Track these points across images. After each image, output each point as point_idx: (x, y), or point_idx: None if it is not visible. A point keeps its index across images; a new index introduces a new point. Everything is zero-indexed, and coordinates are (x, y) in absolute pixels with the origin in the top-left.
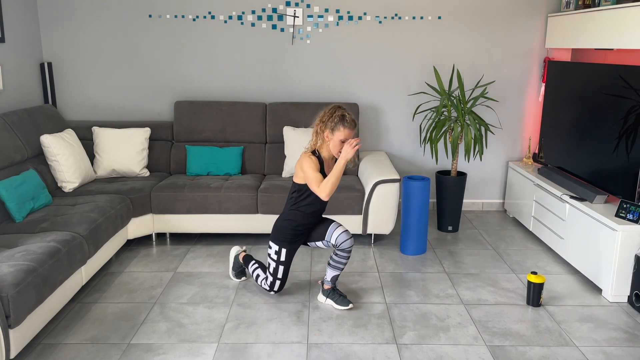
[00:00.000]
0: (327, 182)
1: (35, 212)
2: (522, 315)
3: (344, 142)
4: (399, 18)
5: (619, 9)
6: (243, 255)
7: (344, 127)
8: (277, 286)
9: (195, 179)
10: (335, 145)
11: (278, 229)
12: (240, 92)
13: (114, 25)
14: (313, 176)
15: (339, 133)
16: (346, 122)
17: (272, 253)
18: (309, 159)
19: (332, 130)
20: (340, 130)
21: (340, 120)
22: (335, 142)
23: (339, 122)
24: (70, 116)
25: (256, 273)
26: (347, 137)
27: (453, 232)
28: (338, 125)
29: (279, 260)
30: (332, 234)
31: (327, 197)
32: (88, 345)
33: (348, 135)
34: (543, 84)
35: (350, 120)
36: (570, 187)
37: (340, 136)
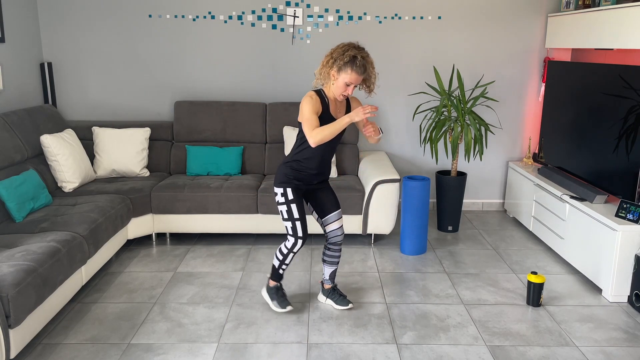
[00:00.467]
0: (321, 131)
1: (35, 212)
2: (522, 315)
3: (349, 85)
4: (399, 18)
5: (619, 9)
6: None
7: (352, 70)
8: (299, 228)
9: (195, 179)
10: (339, 87)
11: (281, 172)
12: (240, 92)
13: (114, 25)
14: (308, 117)
15: (345, 75)
16: (355, 65)
17: (279, 197)
18: (308, 98)
19: (339, 69)
20: (347, 72)
21: (351, 61)
22: (339, 84)
23: (348, 62)
24: (70, 116)
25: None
26: (352, 82)
27: (453, 232)
28: (346, 66)
29: (287, 201)
30: (329, 224)
31: (315, 144)
32: (88, 345)
33: (354, 79)
34: (543, 84)
35: (361, 63)
36: (570, 187)
37: (346, 79)
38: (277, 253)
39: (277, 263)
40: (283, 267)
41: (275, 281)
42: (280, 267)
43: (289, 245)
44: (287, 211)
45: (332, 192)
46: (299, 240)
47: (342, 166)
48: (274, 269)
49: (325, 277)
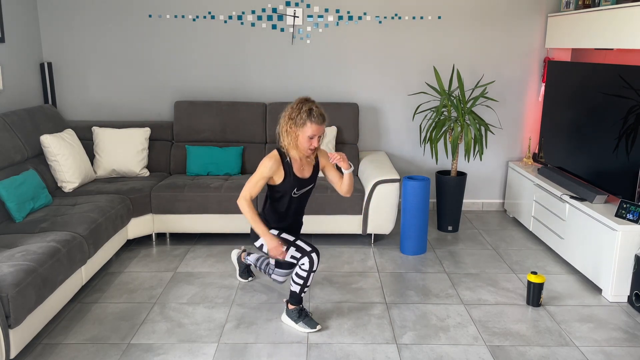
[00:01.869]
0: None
1: (35, 212)
2: (522, 315)
3: (312, 138)
4: (399, 18)
5: (619, 9)
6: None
7: (311, 122)
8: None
9: (195, 179)
10: (303, 143)
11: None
12: (240, 92)
13: (114, 25)
14: (255, 179)
15: (305, 129)
16: (313, 117)
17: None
18: (267, 160)
19: (299, 126)
20: (307, 125)
21: (308, 114)
22: (302, 140)
23: (306, 116)
24: (70, 116)
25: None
26: (314, 133)
27: (453, 232)
28: (304, 121)
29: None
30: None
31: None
32: (88, 345)
33: (316, 130)
34: (543, 84)
35: (318, 113)
36: (570, 187)
37: (308, 132)
38: (294, 279)
39: (297, 288)
40: (305, 289)
41: (295, 305)
42: (302, 291)
43: (306, 267)
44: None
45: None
46: (312, 255)
47: None
48: (294, 294)
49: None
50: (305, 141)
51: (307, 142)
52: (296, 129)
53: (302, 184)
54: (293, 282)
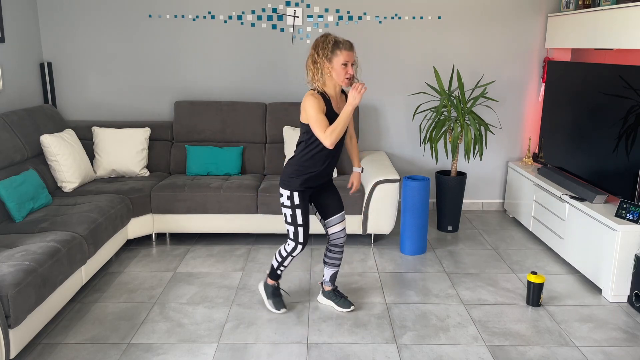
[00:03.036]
0: (334, 130)
1: (35, 212)
2: (522, 315)
3: (346, 65)
4: (399, 18)
5: (619, 9)
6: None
7: (341, 50)
8: (301, 235)
9: (195, 179)
10: (339, 73)
11: (287, 174)
12: (240, 92)
13: (114, 25)
14: (317, 118)
15: (338, 58)
16: (341, 44)
17: (285, 200)
18: (312, 97)
19: (330, 58)
20: (337, 54)
21: (335, 44)
22: (337, 70)
23: (334, 46)
24: (70, 116)
25: (277, 251)
26: (348, 59)
27: (453, 232)
28: (334, 51)
29: (293, 205)
30: (332, 226)
31: (331, 145)
32: (88, 345)
33: (348, 57)
34: (543, 84)
35: (344, 40)
36: (570, 187)
37: (341, 60)
38: (276, 254)
39: (275, 264)
40: (282, 268)
41: (273, 280)
42: (279, 268)
43: (289, 248)
44: (292, 215)
45: (337, 193)
46: (299, 245)
47: (342, 166)
48: (273, 269)
49: (325, 278)
50: (341, 70)
51: (343, 71)
52: (329, 63)
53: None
54: (274, 257)
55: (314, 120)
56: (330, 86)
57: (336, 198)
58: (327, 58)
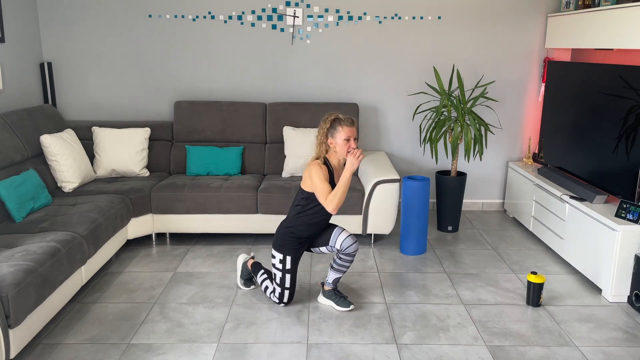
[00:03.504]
0: (335, 195)
1: (35, 212)
2: (522, 315)
3: (348, 140)
4: (399, 18)
5: (619, 9)
6: (251, 263)
7: (342, 126)
8: (286, 297)
9: (195, 179)
10: (342, 148)
11: (281, 237)
12: (240, 92)
13: (114, 25)
14: (321, 187)
15: (339, 134)
16: (342, 121)
17: (277, 262)
18: (318, 167)
19: (332, 134)
20: (339, 130)
21: (336, 121)
22: (340, 145)
23: (335, 122)
24: (70, 116)
25: (265, 284)
26: (349, 135)
27: (453, 232)
28: (336, 127)
29: (284, 269)
30: (337, 239)
31: (334, 210)
32: (88, 345)
33: (349, 132)
34: (543, 84)
35: (346, 117)
36: (570, 187)
37: (342, 135)
38: (264, 284)
39: (258, 278)
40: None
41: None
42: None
43: (273, 298)
44: (281, 278)
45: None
46: (282, 304)
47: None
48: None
49: (328, 280)
50: (343, 145)
51: (345, 146)
52: (332, 139)
53: None
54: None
55: (320, 189)
56: (334, 159)
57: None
58: (330, 134)
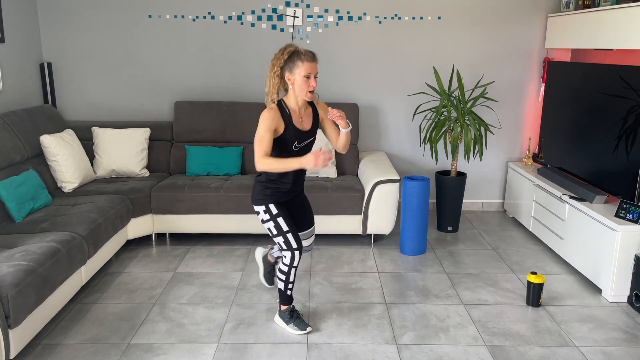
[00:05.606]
0: (269, 163)
1: (35, 212)
2: (521, 316)
3: (309, 77)
4: (399, 18)
5: (619, 9)
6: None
7: (302, 61)
8: (292, 241)
9: (195, 179)
10: (301, 85)
11: (257, 192)
12: (240, 92)
13: (114, 25)
14: (261, 137)
15: (298, 70)
16: (302, 54)
17: (263, 215)
18: (266, 112)
19: (290, 68)
20: (298, 65)
21: (295, 54)
22: (299, 83)
23: (294, 57)
24: (70, 116)
25: (277, 271)
26: (309, 72)
27: (453, 232)
28: (295, 61)
29: (273, 216)
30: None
31: (259, 169)
32: (88, 346)
33: (310, 68)
34: (543, 84)
35: (306, 51)
36: (570, 187)
37: (302, 72)
38: (278, 275)
39: (282, 285)
40: (289, 286)
41: (287, 304)
42: (287, 289)
43: (287, 261)
44: (275, 226)
45: (308, 207)
46: (295, 252)
47: (341, 166)
48: (281, 293)
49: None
50: (303, 83)
51: (305, 83)
52: (290, 75)
53: (303, 136)
54: (278, 280)
55: (259, 137)
56: (291, 98)
57: (308, 212)
58: (287, 68)
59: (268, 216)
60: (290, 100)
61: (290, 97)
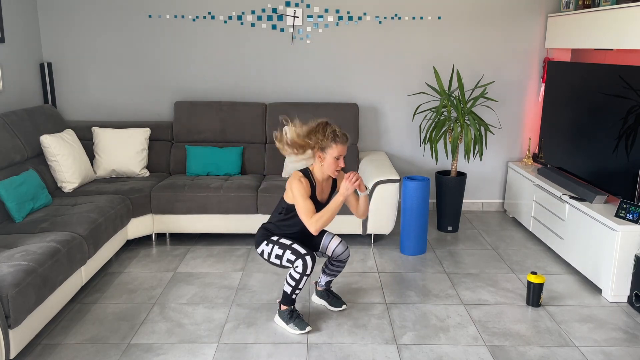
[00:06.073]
0: (321, 218)
1: (35, 212)
2: (522, 316)
3: (338, 158)
4: (399, 18)
5: (619, 9)
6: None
7: (337, 143)
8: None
9: (195, 179)
10: (330, 166)
11: (260, 234)
12: (240, 92)
13: (114, 25)
14: (304, 205)
15: (331, 150)
16: (338, 137)
17: (266, 248)
18: (298, 183)
19: (324, 148)
20: (332, 147)
21: (333, 135)
22: (329, 162)
23: (331, 138)
24: (70, 116)
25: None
26: (340, 154)
27: (453, 232)
28: (330, 143)
29: (274, 242)
30: (328, 246)
31: (316, 232)
32: (88, 346)
33: (342, 151)
34: (543, 84)
35: (342, 133)
36: (570, 187)
37: (334, 153)
38: (287, 279)
39: (289, 289)
40: (296, 292)
41: (287, 305)
42: (294, 293)
43: (300, 269)
44: (279, 247)
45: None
46: (306, 257)
47: None
48: (286, 295)
49: (320, 282)
50: (332, 162)
51: (334, 163)
52: (321, 153)
53: (319, 207)
54: (286, 282)
55: (301, 206)
56: (318, 172)
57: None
58: (320, 147)
59: (270, 246)
60: (316, 172)
61: (317, 169)
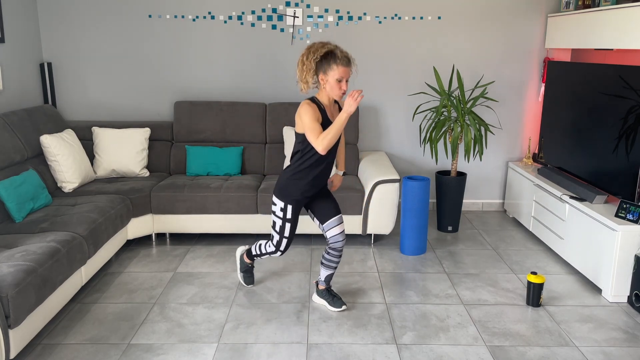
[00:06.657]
0: (326, 135)
1: (35, 212)
2: (521, 316)
3: (341, 80)
4: (399, 18)
5: (619, 9)
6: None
7: (338, 65)
8: (283, 245)
9: (195, 179)
10: (333, 87)
11: (284, 186)
12: (240, 92)
13: (114, 25)
14: (311, 126)
15: (333, 72)
16: (338, 59)
17: (277, 210)
18: (307, 106)
19: (325, 71)
20: (333, 69)
21: (331, 56)
22: (331, 84)
23: (330, 60)
24: (70, 116)
25: (258, 243)
26: (342, 76)
27: (453, 232)
28: (330, 64)
29: (285, 218)
30: (331, 228)
31: (324, 150)
32: (88, 346)
33: (344, 73)
34: (543, 84)
35: (342, 55)
36: (570, 187)
37: (336, 75)
38: (258, 245)
39: (254, 251)
40: (256, 257)
41: (249, 259)
42: (256, 255)
43: (269, 249)
44: (280, 226)
45: (332, 197)
46: (279, 252)
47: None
48: (250, 251)
49: (320, 278)
50: (335, 85)
51: (337, 86)
52: (323, 76)
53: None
54: (257, 244)
55: (309, 127)
56: (323, 95)
57: (332, 202)
58: (322, 69)
59: (281, 214)
60: (322, 97)
61: (323, 94)
